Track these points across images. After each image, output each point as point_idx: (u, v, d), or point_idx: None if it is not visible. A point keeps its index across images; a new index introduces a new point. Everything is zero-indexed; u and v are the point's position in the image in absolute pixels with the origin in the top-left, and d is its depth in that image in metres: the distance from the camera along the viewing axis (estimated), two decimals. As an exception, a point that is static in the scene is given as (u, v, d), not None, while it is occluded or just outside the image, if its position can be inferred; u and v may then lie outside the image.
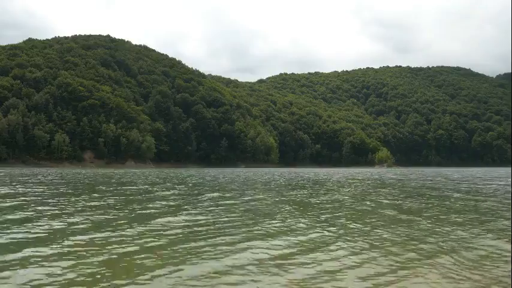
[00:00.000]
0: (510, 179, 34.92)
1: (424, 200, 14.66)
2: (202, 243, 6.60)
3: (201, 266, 5.30)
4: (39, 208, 11.11)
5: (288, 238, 7.14)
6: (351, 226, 8.47)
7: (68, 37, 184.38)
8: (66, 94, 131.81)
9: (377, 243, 6.68)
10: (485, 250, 6.22)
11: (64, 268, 5.06)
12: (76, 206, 12.03)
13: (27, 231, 7.48)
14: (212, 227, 8.13)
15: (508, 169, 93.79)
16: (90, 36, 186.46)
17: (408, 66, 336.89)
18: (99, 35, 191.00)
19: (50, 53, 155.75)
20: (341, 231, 7.81)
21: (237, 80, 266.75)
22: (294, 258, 5.72)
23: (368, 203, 13.51)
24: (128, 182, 28.48)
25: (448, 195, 16.76)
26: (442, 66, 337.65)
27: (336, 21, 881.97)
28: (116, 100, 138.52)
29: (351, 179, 36.11)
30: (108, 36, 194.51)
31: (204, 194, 17.34)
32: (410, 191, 20.28)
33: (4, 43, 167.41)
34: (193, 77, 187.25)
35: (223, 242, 6.71)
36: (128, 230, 7.75)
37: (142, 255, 5.75)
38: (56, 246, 6.25)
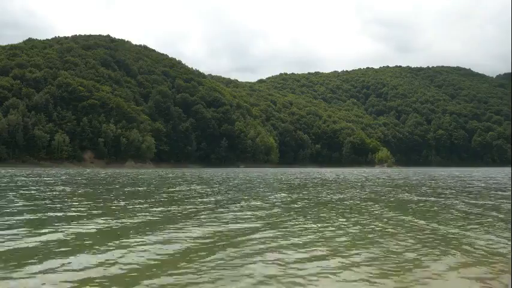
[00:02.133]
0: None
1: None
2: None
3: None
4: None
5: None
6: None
7: (68, 37, 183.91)
8: (66, 94, 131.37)
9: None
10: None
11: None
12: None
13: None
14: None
15: (509, 169, 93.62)
16: (90, 36, 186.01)
17: (408, 66, 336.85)
18: (99, 35, 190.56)
19: (50, 53, 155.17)
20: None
21: (237, 80, 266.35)
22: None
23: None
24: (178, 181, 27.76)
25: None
26: (442, 66, 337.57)
27: (336, 21, 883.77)
28: (116, 100, 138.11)
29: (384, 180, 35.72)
30: (108, 36, 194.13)
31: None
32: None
33: (4, 43, 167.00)
34: (193, 77, 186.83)
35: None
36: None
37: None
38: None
